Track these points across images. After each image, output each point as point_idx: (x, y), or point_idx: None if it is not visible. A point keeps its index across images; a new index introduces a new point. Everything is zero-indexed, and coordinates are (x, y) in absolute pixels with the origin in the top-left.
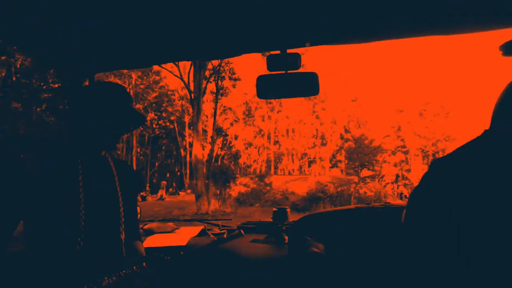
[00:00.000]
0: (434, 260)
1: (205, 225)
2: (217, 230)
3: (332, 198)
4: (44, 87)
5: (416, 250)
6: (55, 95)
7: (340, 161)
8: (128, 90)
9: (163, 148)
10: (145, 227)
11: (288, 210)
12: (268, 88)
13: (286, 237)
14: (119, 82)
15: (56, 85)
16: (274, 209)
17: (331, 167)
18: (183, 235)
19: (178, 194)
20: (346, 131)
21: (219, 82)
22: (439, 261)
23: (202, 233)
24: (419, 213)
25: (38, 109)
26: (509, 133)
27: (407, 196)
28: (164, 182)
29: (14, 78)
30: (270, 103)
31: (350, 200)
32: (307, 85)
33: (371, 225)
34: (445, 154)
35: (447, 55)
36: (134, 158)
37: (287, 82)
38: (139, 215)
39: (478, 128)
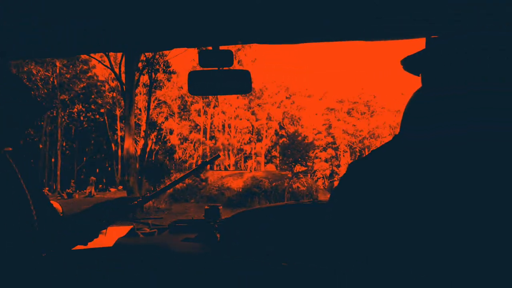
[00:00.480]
0: (353, 259)
1: (134, 225)
2: (147, 230)
3: (267, 193)
4: None
5: (338, 249)
6: None
7: (275, 156)
8: (51, 79)
9: (92, 142)
10: None
11: (221, 207)
12: (200, 84)
13: (218, 235)
14: (41, 70)
15: None
16: (206, 207)
17: (266, 163)
18: (110, 236)
19: (109, 190)
20: (281, 127)
21: (153, 75)
22: (358, 259)
23: (131, 233)
24: (339, 214)
25: None
26: (412, 140)
27: None
28: (93, 178)
29: None
30: (206, 98)
31: (284, 195)
32: (240, 83)
33: (299, 221)
34: (363, 155)
35: (387, 54)
36: (59, 152)
37: (220, 79)
38: (60, 214)
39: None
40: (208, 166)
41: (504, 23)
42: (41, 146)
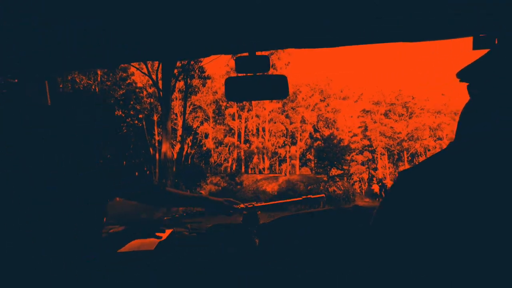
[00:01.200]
0: (396, 268)
1: (174, 228)
2: (186, 234)
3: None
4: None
5: (385, 258)
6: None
7: (310, 159)
8: (93, 87)
9: (131, 146)
10: (111, 231)
11: (259, 213)
12: (236, 90)
13: (257, 240)
14: (84, 78)
15: (16, 80)
16: (245, 212)
17: (301, 166)
18: (151, 240)
19: None
20: (316, 130)
21: (188, 80)
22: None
23: (171, 237)
24: (389, 223)
25: None
26: (465, 148)
27: (378, 193)
28: None
29: None
30: (241, 102)
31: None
32: (276, 88)
33: (339, 226)
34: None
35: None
36: None
37: (256, 85)
38: (104, 218)
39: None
40: (243, 169)
41: (504, 23)
42: None
